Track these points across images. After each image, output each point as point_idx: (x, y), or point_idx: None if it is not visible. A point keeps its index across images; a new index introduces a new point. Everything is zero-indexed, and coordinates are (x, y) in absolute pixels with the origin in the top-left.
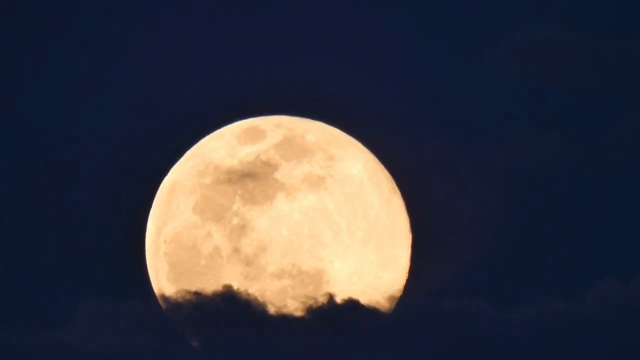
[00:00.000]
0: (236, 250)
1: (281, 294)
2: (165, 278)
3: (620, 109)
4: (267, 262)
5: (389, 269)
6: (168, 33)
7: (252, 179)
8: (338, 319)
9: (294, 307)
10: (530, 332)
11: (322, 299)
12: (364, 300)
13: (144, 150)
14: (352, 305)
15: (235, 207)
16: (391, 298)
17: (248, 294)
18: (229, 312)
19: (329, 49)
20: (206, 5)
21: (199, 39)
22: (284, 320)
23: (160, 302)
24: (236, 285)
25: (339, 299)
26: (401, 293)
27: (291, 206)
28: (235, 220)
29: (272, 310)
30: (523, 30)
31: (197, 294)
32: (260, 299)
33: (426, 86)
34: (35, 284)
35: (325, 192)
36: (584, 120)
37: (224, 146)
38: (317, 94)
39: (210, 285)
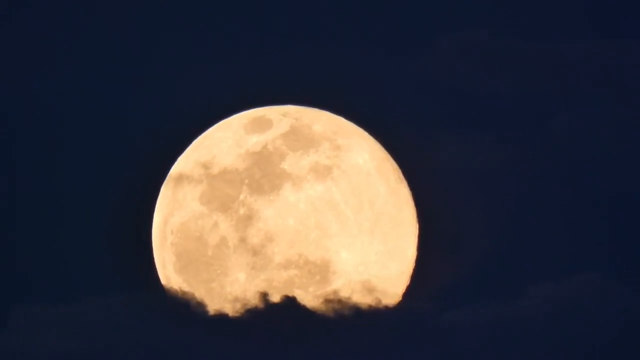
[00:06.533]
0: (243, 241)
1: (288, 284)
2: (172, 269)
3: (552, 110)
4: (274, 252)
5: (396, 259)
6: (172, 25)
7: (258, 169)
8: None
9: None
10: (468, 333)
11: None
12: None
13: (150, 141)
14: (291, 303)
15: (242, 197)
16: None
17: (184, 293)
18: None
19: (335, 38)
20: None
21: (204, 29)
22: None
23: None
24: (243, 275)
25: (276, 297)
26: (408, 284)
27: (298, 196)
28: (242, 211)
29: (211, 310)
30: (451, 36)
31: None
32: (199, 298)
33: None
34: (38, 279)
35: (332, 182)
36: (515, 123)
37: (231, 136)
38: (323, 83)
39: (217, 275)
